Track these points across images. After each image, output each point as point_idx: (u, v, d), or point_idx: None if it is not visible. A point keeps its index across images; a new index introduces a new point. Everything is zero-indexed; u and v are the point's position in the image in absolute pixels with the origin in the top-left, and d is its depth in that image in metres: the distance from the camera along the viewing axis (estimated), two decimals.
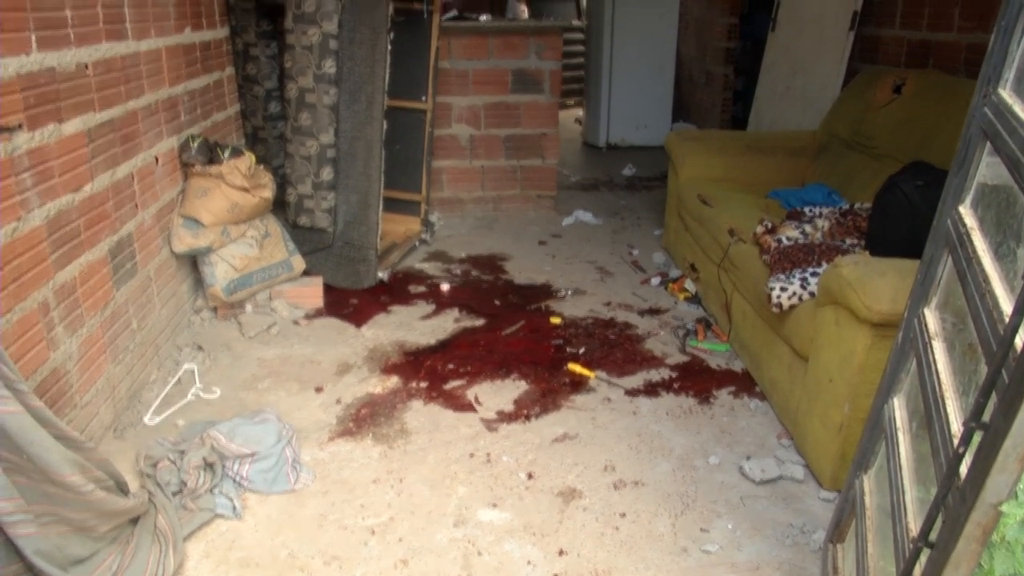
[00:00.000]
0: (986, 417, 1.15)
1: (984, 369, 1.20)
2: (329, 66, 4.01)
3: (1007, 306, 1.19)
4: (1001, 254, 1.31)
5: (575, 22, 10.12)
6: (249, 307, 3.76)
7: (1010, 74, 1.40)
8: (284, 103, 4.31)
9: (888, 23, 4.67)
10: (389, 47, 4.03)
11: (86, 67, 2.72)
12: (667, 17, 7.79)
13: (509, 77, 5.21)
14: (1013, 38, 1.39)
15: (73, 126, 2.62)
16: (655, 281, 4.32)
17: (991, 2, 3.77)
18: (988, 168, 1.51)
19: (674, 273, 4.40)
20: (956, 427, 1.30)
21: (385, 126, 4.13)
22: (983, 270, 1.31)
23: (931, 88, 3.76)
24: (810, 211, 3.40)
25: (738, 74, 7.80)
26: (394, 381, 3.23)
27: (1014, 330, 1.09)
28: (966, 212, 1.51)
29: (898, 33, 4.59)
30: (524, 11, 10.11)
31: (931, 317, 1.63)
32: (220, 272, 3.56)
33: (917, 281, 1.72)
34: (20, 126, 2.30)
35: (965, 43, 3.97)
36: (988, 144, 1.41)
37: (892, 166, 3.62)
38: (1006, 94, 1.39)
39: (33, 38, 2.38)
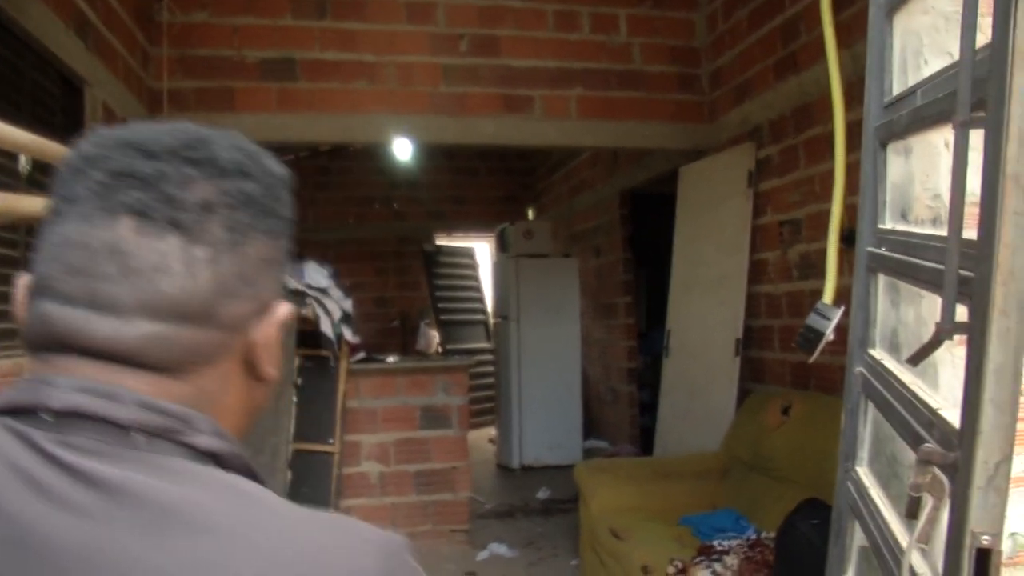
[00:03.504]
0: None
1: None
2: None
3: None
4: None
5: (484, 344, 10.54)
6: None
7: (864, 454, 1.50)
8: None
9: (768, 347, 5.04)
10: (295, 398, 4.10)
11: None
12: (570, 340, 8.24)
13: (418, 413, 5.29)
14: (858, 419, 1.51)
15: None
16: None
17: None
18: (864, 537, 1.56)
19: None
20: None
21: (290, 476, 4.07)
22: None
23: (817, 411, 3.96)
24: (720, 544, 3.39)
25: (642, 387, 8.09)
26: None
27: None
28: None
29: (779, 356, 4.93)
30: (435, 337, 10.50)
31: None
32: None
33: None
34: None
35: (839, 364, 4.27)
36: (856, 522, 1.47)
37: (794, 489, 3.70)
38: (863, 472, 1.48)
39: None
